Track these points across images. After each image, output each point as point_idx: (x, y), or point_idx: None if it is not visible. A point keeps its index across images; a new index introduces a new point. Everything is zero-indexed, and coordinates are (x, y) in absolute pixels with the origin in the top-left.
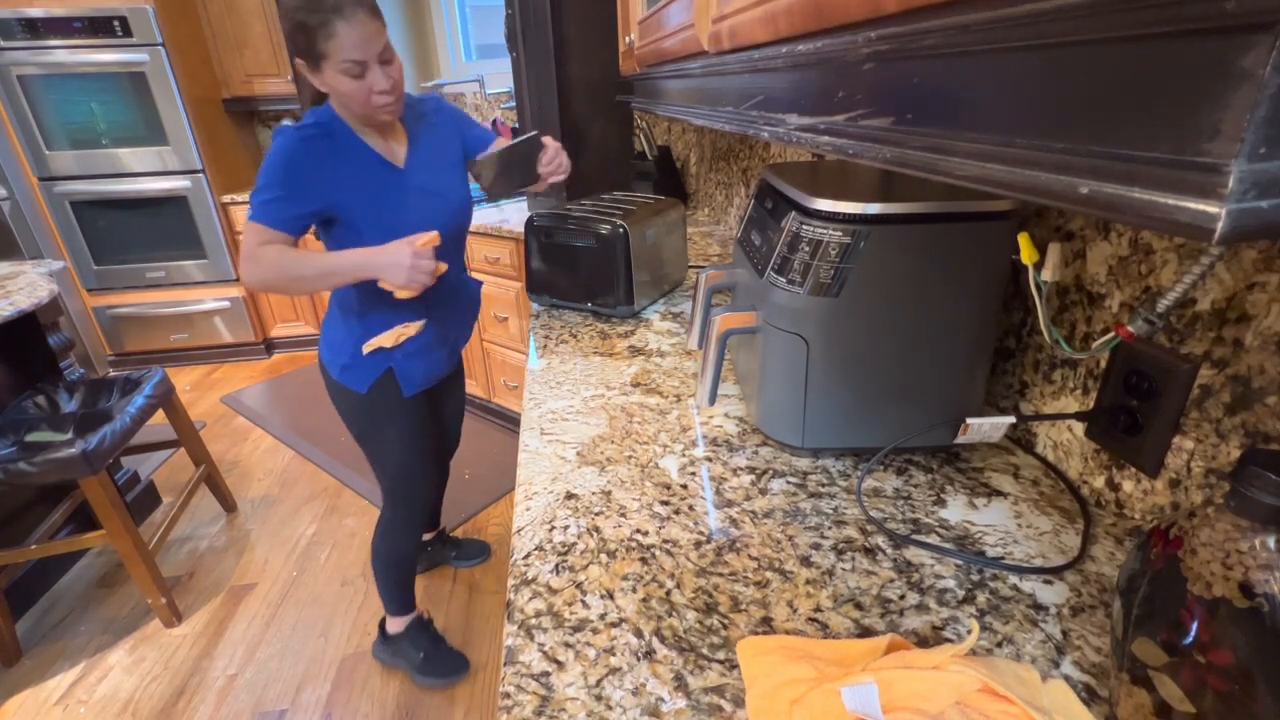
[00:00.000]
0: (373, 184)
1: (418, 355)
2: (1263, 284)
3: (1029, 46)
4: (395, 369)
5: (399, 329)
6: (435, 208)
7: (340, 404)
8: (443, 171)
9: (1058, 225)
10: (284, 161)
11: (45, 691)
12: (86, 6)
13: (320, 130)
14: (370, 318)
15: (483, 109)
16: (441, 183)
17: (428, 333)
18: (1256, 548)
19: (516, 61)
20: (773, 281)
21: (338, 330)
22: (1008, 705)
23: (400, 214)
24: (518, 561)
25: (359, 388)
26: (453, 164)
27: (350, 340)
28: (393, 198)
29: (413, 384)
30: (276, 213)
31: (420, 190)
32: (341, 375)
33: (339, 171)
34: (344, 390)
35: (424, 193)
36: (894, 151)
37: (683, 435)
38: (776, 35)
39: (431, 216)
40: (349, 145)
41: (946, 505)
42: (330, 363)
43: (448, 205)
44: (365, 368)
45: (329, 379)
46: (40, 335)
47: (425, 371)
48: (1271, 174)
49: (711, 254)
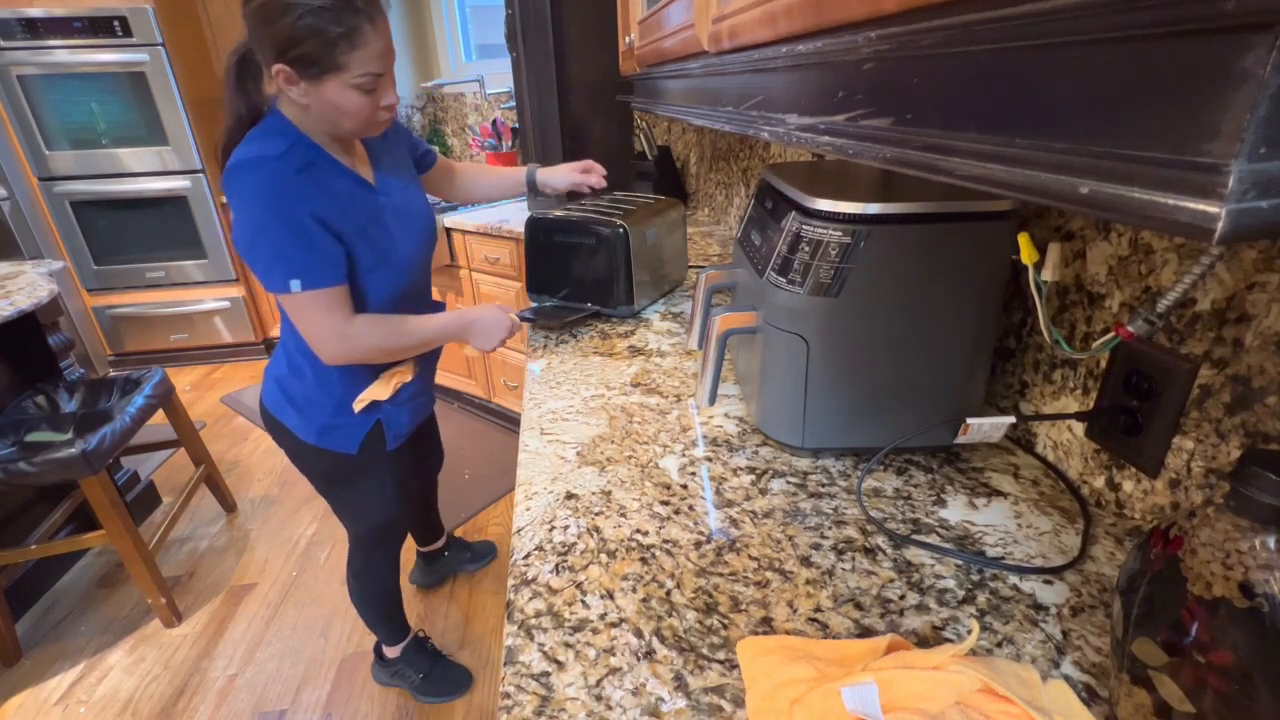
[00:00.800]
0: (360, 209)
1: (408, 404)
2: (1263, 284)
3: (1029, 46)
4: (384, 420)
5: (392, 376)
6: (414, 229)
7: (313, 467)
8: (408, 189)
9: (1058, 225)
10: (287, 202)
11: (45, 691)
12: (86, 6)
13: (303, 156)
14: (356, 370)
15: (483, 109)
16: (412, 200)
17: (420, 376)
18: (1256, 548)
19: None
20: (773, 281)
21: (308, 388)
22: (1008, 705)
23: (389, 239)
24: (518, 561)
25: (348, 449)
26: (413, 179)
27: (329, 398)
28: (379, 222)
29: (399, 436)
30: (323, 267)
31: (397, 211)
32: (321, 439)
33: (334, 200)
34: (324, 454)
35: (401, 213)
36: (894, 151)
37: (683, 435)
38: (776, 35)
39: (413, 239)
40: (332, 168)
41: (946, 505)
42: (300, 427)
43: (424, 225)
44: (354, 425)
45: (296, 443)
46: (40, 335)
47: (411, 420)
48: (1271, 174)
49: (711, 254)
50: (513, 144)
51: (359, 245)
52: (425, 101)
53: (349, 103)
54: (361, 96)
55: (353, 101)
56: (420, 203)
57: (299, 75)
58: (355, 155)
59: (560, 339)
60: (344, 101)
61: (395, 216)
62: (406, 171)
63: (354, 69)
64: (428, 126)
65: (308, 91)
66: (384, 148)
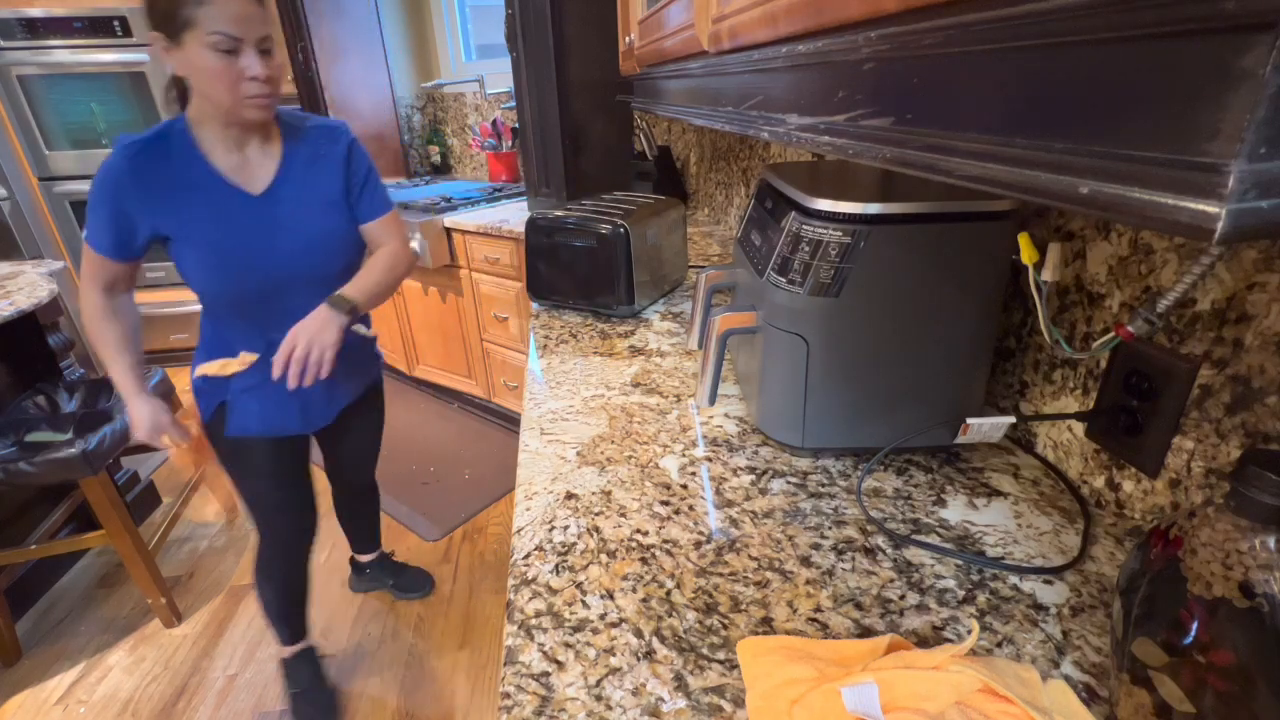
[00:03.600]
0: (210, 211)
1: (252, 394)
2: (1263, 284)
3: (1029, 46)
4: (229, 403)
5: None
6: (288, 247)
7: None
8: (311, 206)
9: (1058, 225)
10: (106, 184)
11: (45, 691)
12: (86, 6)
13: (154, 148)
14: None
15: (483, 109)
16: (305, 218)
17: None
18: (1256, 548)
19: (516, 61)
20: (773, 281)
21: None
22: (1008, 705)
23: (244, 244)
24: (518, 561)
25: (204, 416)
26: (328, 202)
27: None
28: (235, 226)
29: (243, 425)
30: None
31: (274, 222)
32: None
33: (170, 195)
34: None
35: (278, 226)
36: (894, 151)
37: (683, 435)
38: (776, 35)
39: (280, 253)
40: (188, 164)
41: (946, 505)
42: None
43: (304, 245)
44: (205, 395)
45: None
46: (40, 335)
47: (262, 416)
48: (1271, 174)
49: (711, 254)
50: (513, 144)
51: (200, 240)
52: (425, 101)
53: (209, 63)
54: (219, 58)
55: (211, 62)
56: (312, 223)
57: (166, 39)
58: (262, 155)
59: (560, 339)
60: (204, 62)
61: (268, 226)
62: (320, 192)
63: (205, 24)
64: (428, 126)
65: (177, 59)
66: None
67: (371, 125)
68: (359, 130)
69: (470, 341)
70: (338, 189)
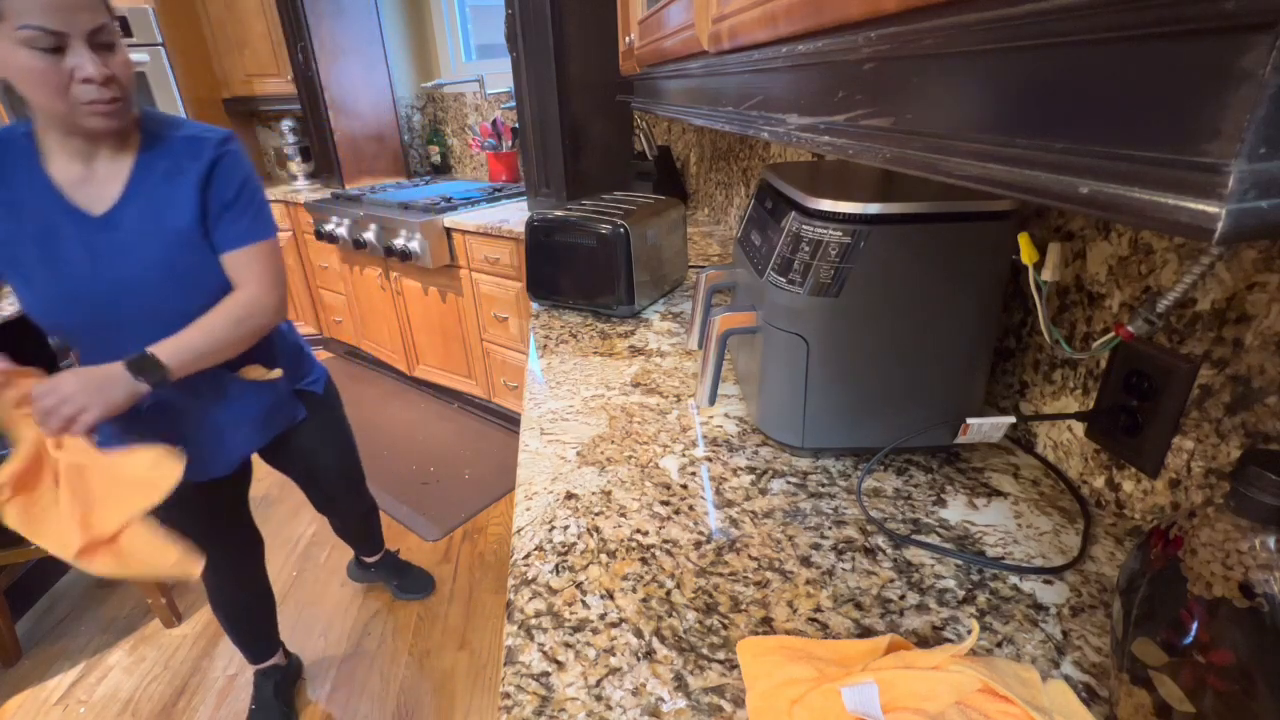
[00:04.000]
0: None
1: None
2: (1263, 284)
3: (1029, 46)
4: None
5: None
6: (120, 278)
7: None
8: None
9: (1058, 225)
10: None
11: (45, 691)
12: None
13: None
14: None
15: (483, 109)
16: (145, 246)
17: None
18: (1256, 548)
19: (516, 61)
20: (773, 281)
21: None
22: (1008, 705)
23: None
24: (518, 561)
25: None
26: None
27: None
28: (59, 251)
29: None
30: None
31: (109, 249)
32: None
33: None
34: None
35: (113, 253)
36: (894, 151)
37: (683, 435)
38: (776, 35)
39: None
40: (23, 176)
41: (946, 505)
42: None
43: (138, 278)
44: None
45: None
46: (40, 335)
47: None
48: (1271, 174)
49: (711, 254)
50: (513, 144)
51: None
52: (425, 101)
53: (26, 62)
54: (39, 57)
55: (25, 62)
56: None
57: None
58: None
59: (560, 339)
60: (20, 61)
61: (102, 250)
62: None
63: (12, 17)
64: (428, 126)
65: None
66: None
67: (371, 125)
68: (359, 130)
69: (470, 341)
70: (190, 213)
